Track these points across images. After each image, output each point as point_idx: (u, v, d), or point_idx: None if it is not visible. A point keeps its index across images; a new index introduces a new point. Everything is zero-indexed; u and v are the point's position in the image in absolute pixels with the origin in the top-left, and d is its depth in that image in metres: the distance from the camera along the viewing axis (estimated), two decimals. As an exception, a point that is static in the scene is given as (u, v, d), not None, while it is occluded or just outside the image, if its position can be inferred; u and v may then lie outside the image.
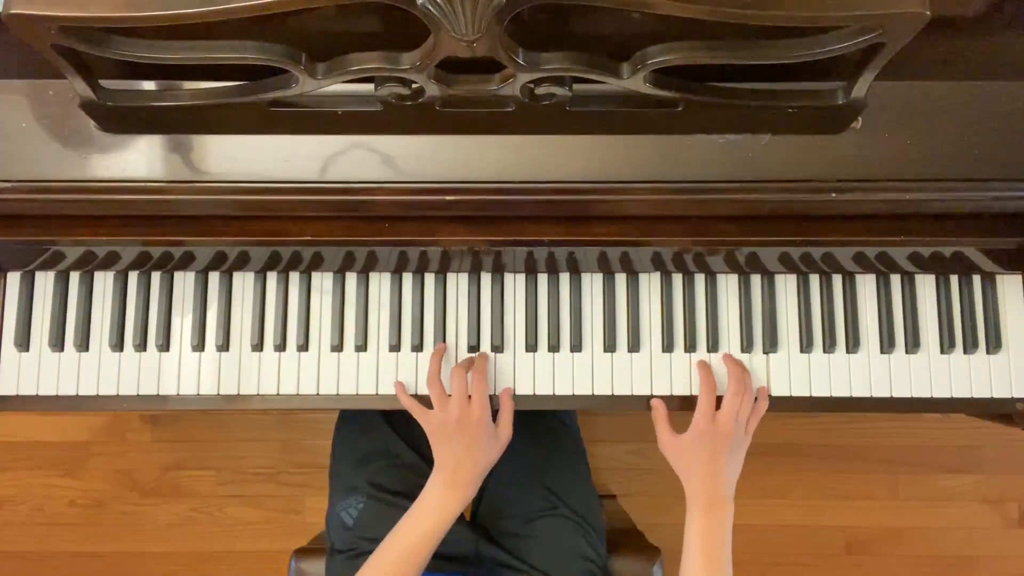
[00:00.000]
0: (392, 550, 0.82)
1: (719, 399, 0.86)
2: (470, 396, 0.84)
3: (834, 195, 0.74)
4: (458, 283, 0.92)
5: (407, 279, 0.92)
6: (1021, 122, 0.73)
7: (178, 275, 0.91)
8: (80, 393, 0.89)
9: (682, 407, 0.89)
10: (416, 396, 0.88)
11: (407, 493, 1.01)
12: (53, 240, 0.80)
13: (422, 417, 0.86)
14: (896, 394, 0.90)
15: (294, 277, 0.91)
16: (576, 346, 0.91)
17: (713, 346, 0.90)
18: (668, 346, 0.91)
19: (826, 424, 1.68)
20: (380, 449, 1.02)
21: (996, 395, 0.90)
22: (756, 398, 0.88)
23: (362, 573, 0.81)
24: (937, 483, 1.68)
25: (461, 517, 1.03)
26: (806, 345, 0.90)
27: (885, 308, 0.91)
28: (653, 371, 0.90)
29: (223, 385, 0.90)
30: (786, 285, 0.92)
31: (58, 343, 0.89)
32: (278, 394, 0.90)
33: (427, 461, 1.06)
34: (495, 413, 0.87)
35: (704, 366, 0.88)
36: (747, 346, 0.91)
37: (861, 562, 1.67)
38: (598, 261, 0.88)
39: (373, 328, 0.91)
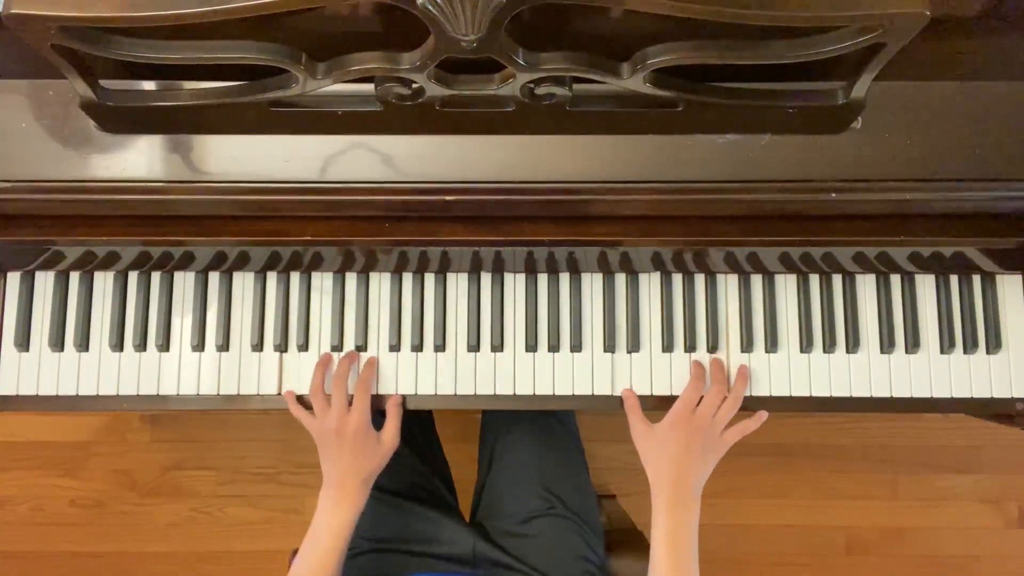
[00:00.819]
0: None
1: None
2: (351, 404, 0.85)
3: (834, 195, 0.74)
4: (458, 283, 0.92)
5: (407, 279, 0.92)
6: (1021, 122, 0.74)
7: (178, 275, 0.91)
8: (80, 393, 0.89)
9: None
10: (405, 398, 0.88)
11: (405, 493, 1.01)
12: (53, 240, 0.80)
13: (308, 426, 0.87)
14: (896, 394, 0.90)
15: (294, 277, 0.91)
16: (576, 346, 0.91)
17: (713, 346, 0.90)
18: (668, 346, 0.91)
19: (826, 424, 1.68)
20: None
21: (996, 395, 0.90)
22: (751, 418, 0.87)
23: None
24: (937, 483, 1.68)
25: (459, 517, 1.03)
26: (806, 345, 0.90)
27: (885, 308, 0.91)
28: (653, 371, 0.90)
29: (223, 385, 0.90)
30: (786, 285, 0.92)
31: (58, 343, 0.89)
32: (278, 394, 0.90)
33: (425, 462, 1.06)
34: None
35: (700, 364, 0.89)
36: (747, 346, 0.91)
37: (861, 562, 1.67)
38: (598, 261, 0.88)
39: (373, 328, 0.91)
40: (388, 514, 0.98)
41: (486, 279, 0.92)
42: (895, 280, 0.92)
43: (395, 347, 0.91)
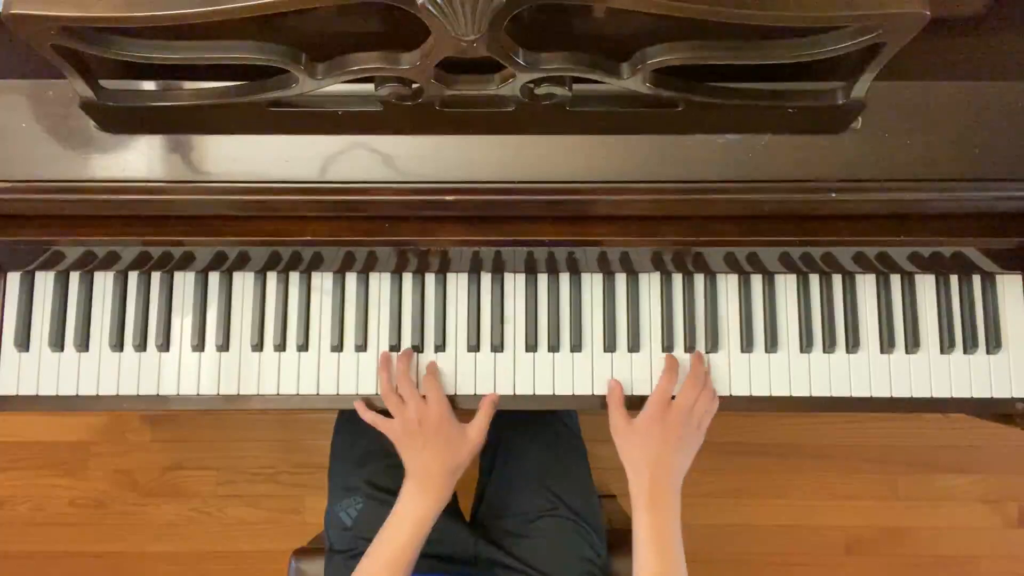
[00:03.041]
0: (375, 562, 0.81)
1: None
2: (424, 397, 0.85)
3: (834, 195, 0.74)
4: (458, 283, 0.92)
5: (407, 279, 0.92)
6: (1021, 122, 0.73)
7: (178, 275, 0.91)
8: (80, 393, 0.89)
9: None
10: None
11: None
12: (53, 240, 0.80)
13: (386, 428, 0.86)
14: (896, 394, 0.90)
15: (294, 277, 0.91)
16: (576, 346, 0.91)
17: (713, 346, 0.90)
18: (668, 346, 0.91)
19: (826, 424, 1.68)
20: (378, 449, 1.02)
21: (996, 395, 0.90)
22: (712, 398, 0.87)
23: None
24: (937, 483, 1.68)
25: (460, 517, 1.03)
26: (806, 345, 0.90)
27: (885, 308, 0.91)
28: (653, 371, 0.90)
29: (223, 385, 0.90)
30: (786, 285, 0.92)
31: (58, 343, 0.89)
32: (278, 394, 0.90)
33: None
34: (471, 416, 0.88)
35: (673, 358, 0.89)
36: (747, 346, 0.91)
37: (861, 562, 1.67)
38: (598, 261, 0.88)
39: (373, 328, 0.91)
40: (388, 514, 0.98)
41: (486, 279, 0.92)
42: (895, 280, 0.92)
43: (395, 347, 0.91)
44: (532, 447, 1.05)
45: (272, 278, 0.92)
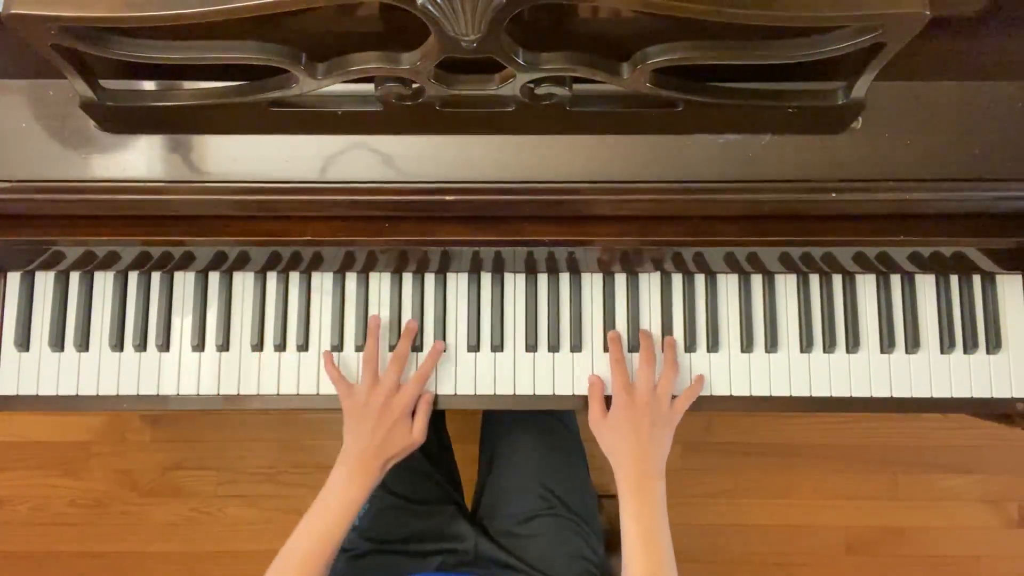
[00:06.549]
0: (300, 544, 0.81)
1: None
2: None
3: (834, 195, 0.74)
4: (458, 283, 0.92)
5: (407, 279, 0.92)
6: (1021, 122, 0.73)
7: (178, 275, 0.91)
8: (80, 393, 0.89)
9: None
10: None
11: (417, 498, 1.01)
12: (53, 240, 0.80)
13: (344, 394, 0.86)
14: (896, 394, 0.90)
15: (294, 277, 0.91)
16: (576, 346, 0.91)
17: (713, 346, 0.90)
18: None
19: (826, 424, 1.68)
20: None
21: (996, 395, 0.90)
22: (693, 383, 0.88)
23: (273, 568, 0.81)
24: (937, 483, 1.68)
25: (461, 516, 1.03)
26: (806, 345, 0.90)
27: (885, 308, 0.91)
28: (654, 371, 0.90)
29: (223, 385, 0.90)
30: (786, 285, 0.92)
31: (58, 343, 0.89)
32: (278, 394, 0.90)
33: (438, 467, 1.06)
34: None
35: (615, 340, 0.88)
36: (747, 346, 0.91)
37: (861, 562, 1.67)
38: (598, 261, 0.88)
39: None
40: (398, 516, 0.99)
41: (486, 279, 0.92)
42: (895, 280, 0.92)
43: (394, 347, 0.90)
44: (530, 447, 1.05)
45: (272, 278, 0.92)
